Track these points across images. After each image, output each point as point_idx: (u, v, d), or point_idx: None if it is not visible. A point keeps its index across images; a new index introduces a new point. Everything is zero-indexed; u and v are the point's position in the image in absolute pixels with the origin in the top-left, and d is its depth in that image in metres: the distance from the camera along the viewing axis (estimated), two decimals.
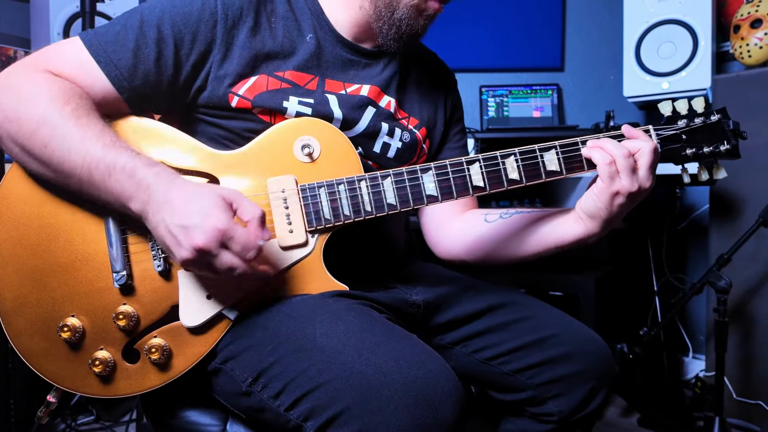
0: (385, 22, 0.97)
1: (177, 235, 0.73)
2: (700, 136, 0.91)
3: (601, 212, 0.89)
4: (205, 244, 0.72)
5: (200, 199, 0.75)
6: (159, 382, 0.85)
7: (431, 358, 0.75)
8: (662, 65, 2.16)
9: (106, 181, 0.77)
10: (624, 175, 0.85)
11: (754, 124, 1.92)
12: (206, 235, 0.72)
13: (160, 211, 0.75)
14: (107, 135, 0.80)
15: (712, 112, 0.91)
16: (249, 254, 0.75)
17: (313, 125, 0.90)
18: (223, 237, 0.73)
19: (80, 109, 0.81)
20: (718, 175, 0.93)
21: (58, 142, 0.78)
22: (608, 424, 2.06)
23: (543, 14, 2.68)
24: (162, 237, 0.76)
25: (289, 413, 0.74)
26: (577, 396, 0.95)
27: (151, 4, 0.91)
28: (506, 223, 1.04)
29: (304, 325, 0.78)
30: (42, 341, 0.84)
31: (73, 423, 1.99)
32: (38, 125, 0.79)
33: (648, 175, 0.87)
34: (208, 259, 0.74)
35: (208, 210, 0.74)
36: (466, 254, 1.10)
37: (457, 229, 1.11)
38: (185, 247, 0.73)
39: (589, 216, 0.91)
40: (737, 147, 0.90)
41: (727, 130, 0.90)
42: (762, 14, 2.05)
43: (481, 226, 1.07)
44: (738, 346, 1.97)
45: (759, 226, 1.72)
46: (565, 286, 2.13)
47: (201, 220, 0.73)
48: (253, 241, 0.75)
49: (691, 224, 2.53)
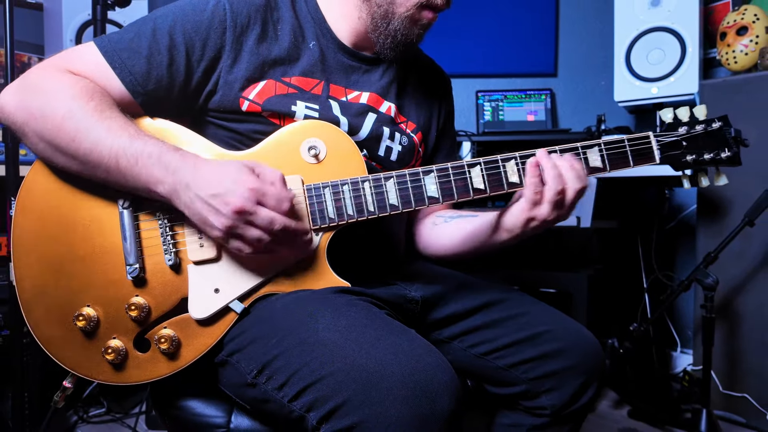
0: (381, 33, 0.98)
1: (214, 204, 0.75)
2: (701, 143, 0.89)
3: (516, 229, 0.91)
4: (243, 204, 0.74)
5: (227, 168, 0.77)
6: (168, 371, 0.85)
7: (429, 352, 0.75)
8: (652, 71, 2.16)
9: (133, 167, 0.79)
10: (546, 206, 0.85)
11: (739, 127, 1.92)
12: (242, 196, 0.75)
13: (191, 188, 0.77)
14: (131, 126, 0.81)
15: (714, 120, 0.89)
16: (285, 205, 0.78)
17: (319, 128, 0.91)
18: (257, 195, 0.76)
19: (103, 104, 0.82)
20: (720, 182, 0.91)
21: (85, 135, 0.79)
22: (600, 417, 2.06)
23: (537, 22, 2.68)
24: (198, 211, 0.77)
25: (292, 404, 0.75)
26: (569, 390, 0.96)
27: (163, 12, 0.91)
28: (447, 226, 1.11)
29: (308, 320, 0.78)
30: (59, 329, 0.85)
31: (85, 415, 1.99)
32: (64, 120, 0.79)
33: (570, 211, 0.87)
34: (248, 220, 0.76)
35: (236, 175, 0.76)
36: (422, 250, 1.17)
37: (417, 229, 1.18)
38: (224, 213, 0.75)
39: (506, 230, 0.93)
40: (738, 154, 0.88)
41: (729, 137, 0.88)
42: (747, 22, 2.05)
43: (430, 227, 1.15)
44: (724, 341, 1.98)
45: (744, 225, 1.72)
46: (558, 283, 2.13)
47: (233, 184, 0.75)
48: (284, 193, 0.78)
49: (679, 224, 2.53)
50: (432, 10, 0.98)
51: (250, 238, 0.78)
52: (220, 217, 0.75)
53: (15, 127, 0.84)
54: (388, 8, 0.96)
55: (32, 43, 2.54)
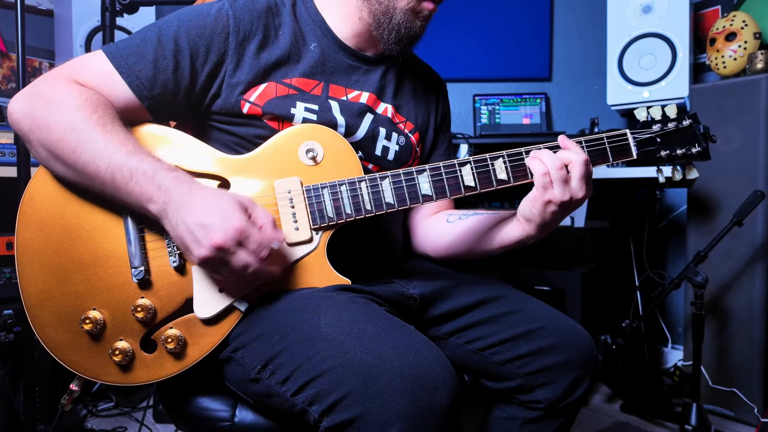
0: (385, 28, 0.98)
1: (197, 233, 0.74)
2: (673, 139, 0.92)
3: (536, 218, 0.90)
4: (224, 241, 0.73)
5: (219, 201, 0.76)
6: (175, 370, 0.85)
7: (427, 347, 0.75)
8: (643, 75, 2.17)
9: (128, 184, 0.78)
10: (556, 185, 0.86)
11: (728, 130, 1.92)
12: (226, 233, 0.73)
13: (180, 211, 0.75)
14: (130, 142, 0.80)
15: (684, 117, 0.91)
16: (263, 253, 0.76)
17: (316, 131, 0.91)
18: (240, 236, 0.74)
19: (105, 117, 0.81)
20: (691, 175, 0.94)
21: (85, 147, 0.78)
22: (593, 410, 2.07)
23: (532, 28, 2.69)
24: (181, 235, 0.76)
25: (295, 398, 0.75)
26: (563, 384, 0.96)
27: (168, 19, 0.91)
28: (462, 224, 1.06)
29: (310, 316, 0.79)
30: (65, 333, 0.84)
31: (95, 409, 2.00)
32: (66, 132, 0.79)
33: (581, 186, 0.86)
34: (224, 257, 0.75)
35: (227, 211, 0.75)
36: (431, 251, 1.13)
37: (425, 229, 1.14)
38: (204, 245, 0.73)
39: (526, 220, 0.92)
40: (707, 149, 0.91)
41: (698, 133, 0.91)
42: (736, 28, 2.06)
43: (443, 226, 1.10)
44: (714, 338, 1.98)
45: (733, 225, 1.72)
46: (553, 281, 2.13)
47: (221, 219, 0.74)
48: (267, 240, 0.76)
49: (670, 224, 2.53)
50: (432, 0, 0.98)
51: (223, 272, 0.78)
52: (200, 248, 0.74)
53: (21, 134, 0.84)
54: (389, 4, 0.96)
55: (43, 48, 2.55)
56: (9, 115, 0.85)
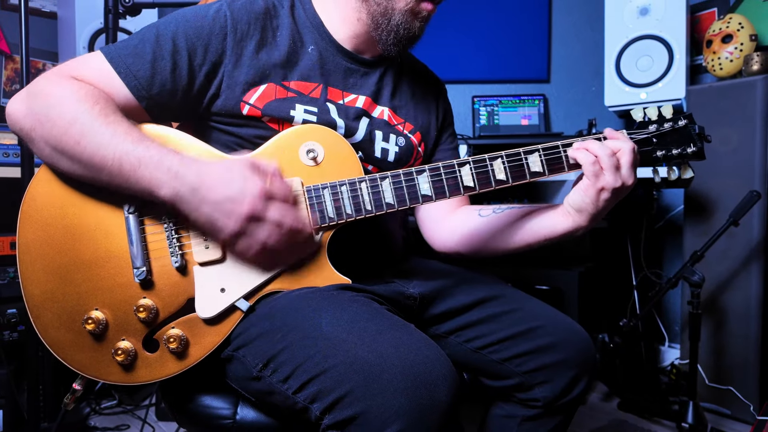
0: (384, 30, 0.97)
1: (225, 207, 0.75)
2: (669, 139, 0.92)
3: (589, 207, 0.89)
4: (254, 206, 0.74)
5: (232, 170, 0.77)
6: (177, 369, 0.85)
7: (428, 345, 0.75)
8: (640, 77, 2.17)
9: (136, 171, 0.77)
10: (608, 172, 0.86)
11: (724, 131, 1.92)
12: (253, 197, 0.75)
13: (198, 192, 0.76)
14: (134, 131, 0.80)
15: (680, 118, 0.91)
16: (291, 198, 0.79)
17: (316, 131, 0.91)
18: (266, 194, 0.76)
19: (107, 108, 0.81)
20: (686, 175, 0.94)
21: (90, 139, 0.78)
22: (591, 408, 2.07)
23: (530, 30, 2.69)
24: (207, 215, 0.76)
25: (296, 396, 0.75)
26: (561, 383, 0.96)
27: (166, 20, 0.91)
28: (499, 217, 1.04)
29: (311, 315, 0.78)
30: (68, 333, 0.84)
31: (98, 407, 1.99)
32: (69, 125, 0.78)
33: (630, 172, 0.87)
34: (259, 218, 0.76)
35: (243, 176, 0.76)
36: (462, 247, 1.10)
37: (452, 224, 1.11)
38: (235, 216, 0.75)
39: (577, 210, 0.91)
40: (702, 149, 0.91)
41: (694, 133, 0.91)
42: (732, 30, 2.06)
43: (475, 220, 1.07)
44: (710, 336, 1.98)
45: (729, 225, 1.72)
46: (551, 280, 2.13)
47: (243, 186, 0.75)
48: (287, 187, 0.79)
49: (667, 223, 2.53)
50: (431, 1, 0.97)
51: (259, 237, 0.78)
52: (230, 221, 0.75)
53: (23, 134, 0.83)
54: (387, 5, 0.95)
55: (47, 50, 2.55)
56: (8, 116, 0.84)
